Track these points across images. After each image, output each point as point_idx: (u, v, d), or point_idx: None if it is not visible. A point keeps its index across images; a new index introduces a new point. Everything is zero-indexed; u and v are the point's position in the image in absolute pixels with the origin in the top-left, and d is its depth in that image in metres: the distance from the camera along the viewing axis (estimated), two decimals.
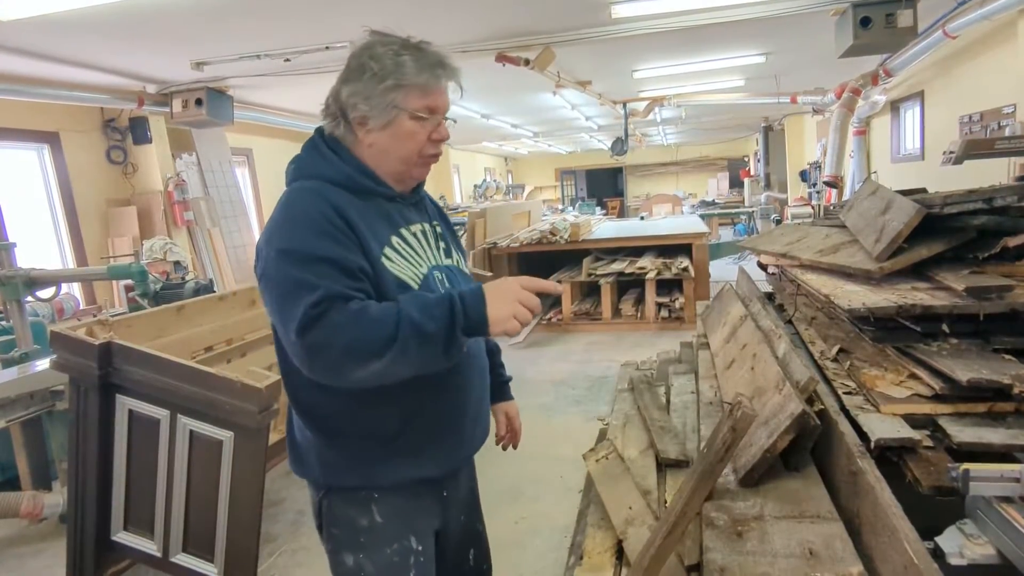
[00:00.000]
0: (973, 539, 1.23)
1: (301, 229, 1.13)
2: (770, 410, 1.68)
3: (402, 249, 1.24)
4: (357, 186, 1.22)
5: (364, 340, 1.05)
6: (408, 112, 1.19)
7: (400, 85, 1.17)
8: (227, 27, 4.14)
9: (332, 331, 1.05)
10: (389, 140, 1.21)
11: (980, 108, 5.64)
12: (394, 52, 1.18)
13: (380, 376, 1.08)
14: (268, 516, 2.99)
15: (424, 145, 1.23)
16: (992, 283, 1.84)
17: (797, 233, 3.46)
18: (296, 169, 1.26)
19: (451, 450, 1.36)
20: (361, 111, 1.19)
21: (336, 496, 1.28)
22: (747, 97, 8.79)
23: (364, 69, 1.17)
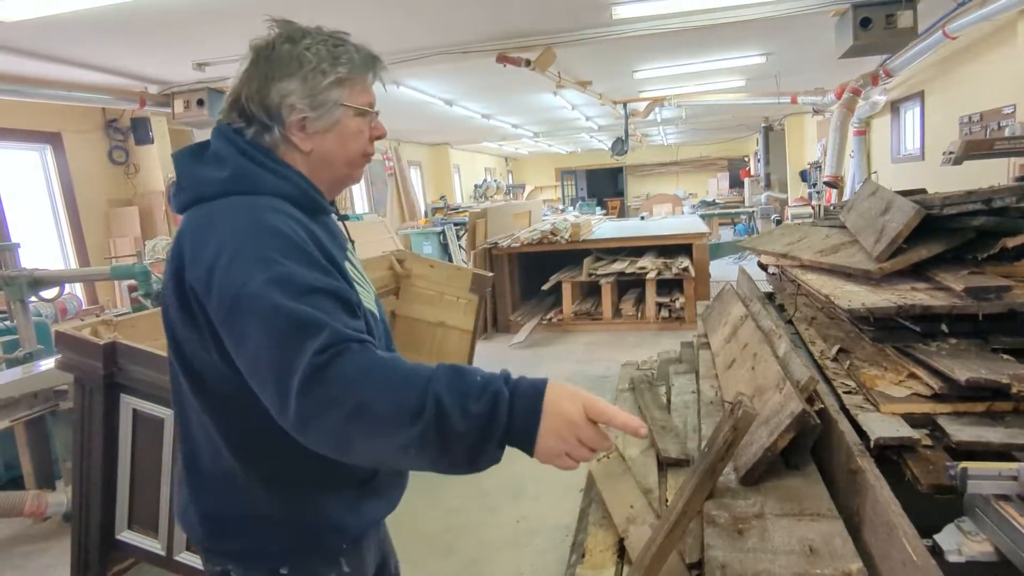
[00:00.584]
0: (971, 536, 1.25)
1: (283, 252, 0.89)
2: (771, 409, 1.69)
3: (355, 274, 1.10)
4: (311, 203, 1.04)
5: (381, 402, 0.80)
6: (354, 108, 1.05)
7: (345, 80, 1.02)
8: (229, 27, 4.15)
9: (342, 386, 0.80)
10: (335, 142, 1.04)
11: (980, 108, 5.65)
12: (332, 43, 1.03)
13: (382, 457, 0.85)
14: None
15: (366, 145, 1.09)
16: (991, 283, 1.85)
17: (797, 233, 3.47)
18: (229, 181, 0.98)
19: (403, 479, 1.26)
20: (301, 112, 1.00)
21: (302, 560, 1.07)
22: (747, 97, 8.81)
23: (301, 62, 1.00)
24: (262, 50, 1.03)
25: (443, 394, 0.80)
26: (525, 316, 6.74)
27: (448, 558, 2.65)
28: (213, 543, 1.08)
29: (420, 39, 4.75)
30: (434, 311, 4.65)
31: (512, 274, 6.89)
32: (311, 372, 0.80)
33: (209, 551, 1.10)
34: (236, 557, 1.08)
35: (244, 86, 1.02)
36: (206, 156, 1.02)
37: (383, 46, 4.83)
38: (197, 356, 0.98)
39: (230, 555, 1.08)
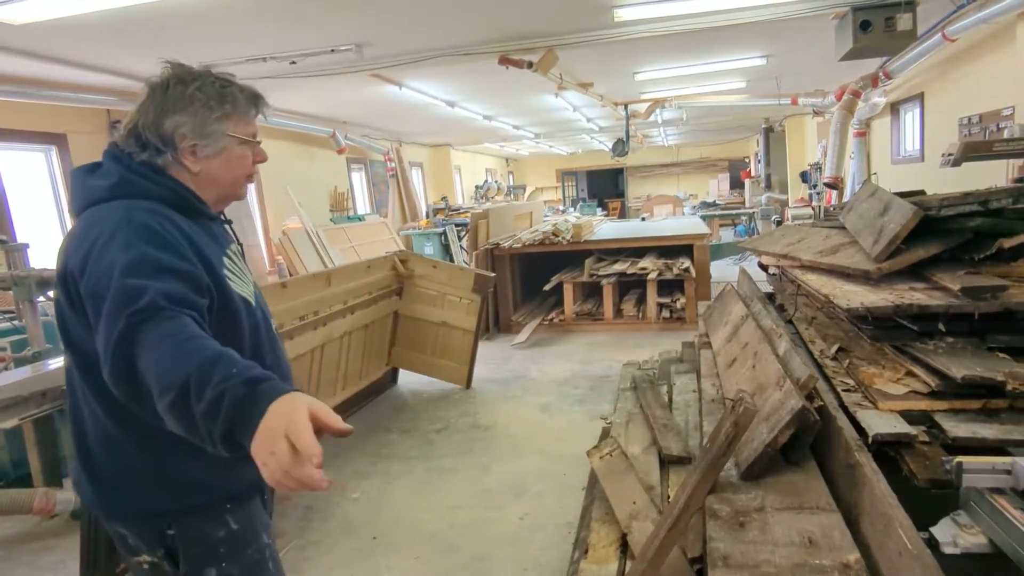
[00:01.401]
0: (966, 529, 1.28)
1: (145, 243, 1.08)
2: (771, 406, 1.73)
3: (232, 267, 1.28)
4: (187, 205, 1.23)
5: (155, 369, 0.95)
6: (238, 138, 1.26)
7: (230, 114, 1.23)
8: (234, 30, 4.19)
9: (140, 346, 0.96)
10: (221, 166, 1.25)
11: (979, 110, 5.68)
12: (219, 85, 1.24)
13: (162, 417, 0.95)
14: (276, 512, 3.02)
15: (249, 168, 1.31)
16: (987, 283, 1.88)
17: (797, 234, 3.51)
18: (115, 187, 1.18)
19: None
20: (192, 140, 1.21)
21: (187, 520, 1.23)
22: (748, 99, 8.84)
23: (193, 99, 1.20)
24: (157, 88, 1.22)
25: (193, 376, 0.92)
26: (527, 316, 6.78)
27: (451, 555, 2.68)
28: (103, 507, 1.24)
29: (423, 41, 4.79)
30: (436, 311, 4.69)
31: (514, 275, 6.92)
32: (122, 332, 0.98)
33: (103, 515, 1.25)
34: (125, 519, 1.23)
35: (141, 117, 1.21)
36: (97, 172, 1.22)
37: (384, 48, 4.88)
38: (76, 333, 1.15)
39: (120, 518, 1.24)
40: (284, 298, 3.45)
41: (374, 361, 4.61)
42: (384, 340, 4.72)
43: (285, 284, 3.54)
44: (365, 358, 4.47)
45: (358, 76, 5.50)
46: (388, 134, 10.65)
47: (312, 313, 3.72)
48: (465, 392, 4.74)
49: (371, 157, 10.61)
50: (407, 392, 4.86)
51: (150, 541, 1.22)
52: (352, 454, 3.74)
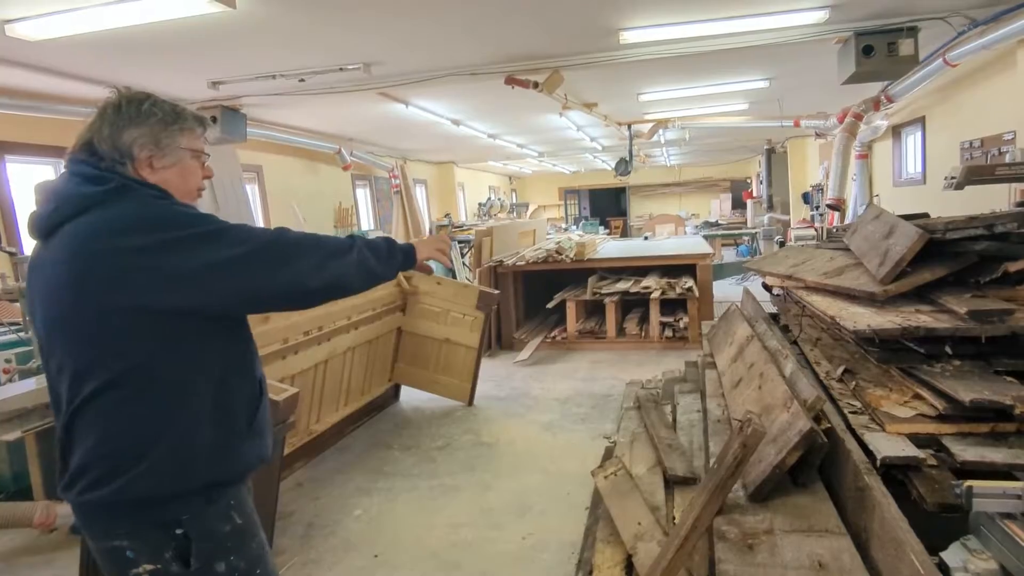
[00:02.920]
0: (977, 554, 1.27)
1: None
2: (778, 428, 1.72)
3: None
4: None
5: (331, 243, 1.37)
6: (191, 152, 1.37)
7: (184, 128, 1.35)
8: (245, 49, 4.25)
9: (305, 239, 1.33)
10: (177, 176, 1.34)
11: (981, 134, 5.72)
12: (170, 105, 1.35)
13: (353, 267, 1.36)
14: (278, 528, 3.01)
15: (200, 181, 1.42)
16: (994, 307, 1.89)
17: (802, 255, 3.52)
18: (118, 190, 1.26)
19: (271, 432, 1.49)
20: (149, 151, 1.30)
21: (195, 519, 1.27)
22: (750, 120, 8.91)
23: (149, 116, 1.31)
24: (109, 107, 1.31)
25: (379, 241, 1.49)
26: (529, 334, 6.77)
27: (453, 574, 2.66)
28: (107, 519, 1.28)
29: (430, 61, 4.85)
30: (440, 327, 4.69)
31: (517, 292, 6.93)
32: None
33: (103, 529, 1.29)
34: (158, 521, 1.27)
35: (95, 133, 1.29)
36: (86, 180, 1.26)
37: (392, 67, 4.94)
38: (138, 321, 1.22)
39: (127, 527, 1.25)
40: (288, 313, 3.46)
41: (377, 377, 4.60)
42: (387, 356, 4.72)
43: None
44: (368, 374, 4.46)
45: (365, 94, 5.56)
46: (393, 151, 10.74)
47: (316, 328, 3.73)
48: (467, 409, 4.73)
49: (376, 173, 10.69)
50: (409, 408, 4.84)
51: (156, 543, 1.23)
52: (354, 470, 3.72)
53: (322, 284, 1.31)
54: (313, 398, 3.84)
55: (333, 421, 4.02)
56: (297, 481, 3.62)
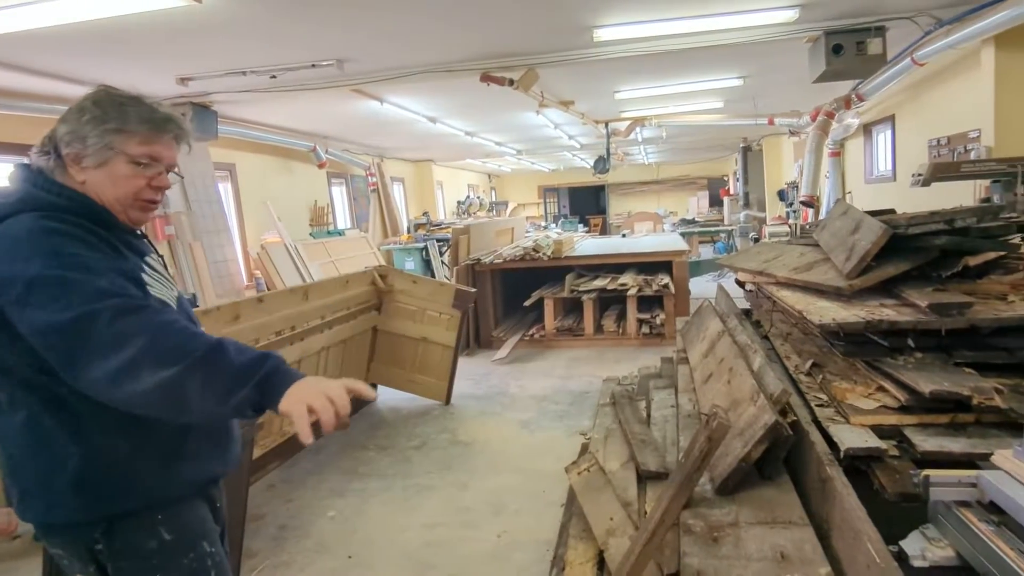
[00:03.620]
0: (934, 542, 1.29)
1: (71, 246, 1.12)
2: (745, 421, 1.74)
3: (153, 275, 1.29)
4: (97, 217, 1.24)
5: (167, 342, 1.06)
6: (127, 156, 1.24)
7: (121, 129, 1.23)
8: (214, 44, 4.17)
9: (142, 324, 1.06)
10: (104, 180, 1.24)
11: (947, 132, 5.85)
12: (120, 102, 1.25)
13: (158, 393, 1.04)
14: (249, 531, 2.97)
15: (143, 189, 1.28)
16: (953, 300, 1.93)
17: (773, 251, 3.56)
18: (21, 201, 1.20)
19: (227, 448, 1.40)
20: (75, 148, 1.22)
21: (114, 532, 1.21)
22: (726, 118, 9.00)
23: (83, 111, 1.23)
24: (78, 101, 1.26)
25: (225, 342, 1.12)
26: (507, 332, 6.77)
27: (428, 573, 2.64)
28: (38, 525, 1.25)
29: (404, 57, 4.81)
30: (416, 326, 4.66)
31: (494, 290, 6.92)
32: (118, 311, 1.08)
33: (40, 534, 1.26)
34: (52, 533, 1.24)
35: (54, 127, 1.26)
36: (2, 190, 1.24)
37: (365, 64, 4.90)
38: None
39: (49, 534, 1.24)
40: (260, 312, 3.41)
41: (352, 377, 4.55)
42: (363, 356, 4.68)
43: (261, 298, 3.50)
44: (343, 374, 4.41)
45: (339, 91, 5.50)
46: (369, 149, 10.65)
47: (289, 328, 3.68)
48: (444, 408, 4.71)
49: (352, 172, 10.59)
50: (385, 408, 4.81)
51: (82, 557, 1.21)
52: (328, 471, 3.68)
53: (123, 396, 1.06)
54: None
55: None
56: (270, 483, 3.57)
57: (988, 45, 4.86)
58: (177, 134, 1.30)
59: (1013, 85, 4.76)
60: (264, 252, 7.12)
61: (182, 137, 1.32)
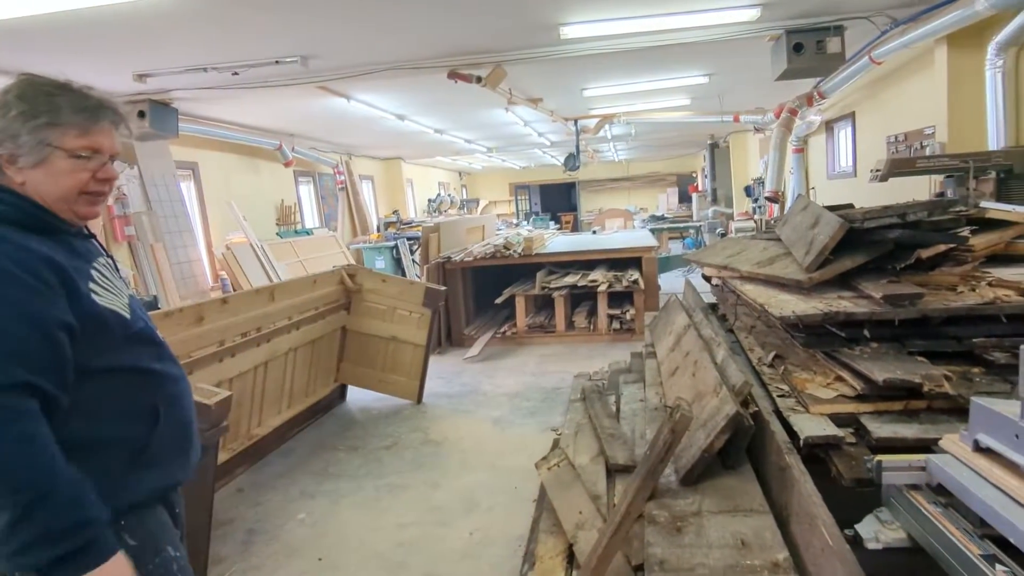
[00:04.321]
0: (887, 525, 1.34)
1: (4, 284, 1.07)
2: (708, 412, 1.77)
3: (102, 281, 1.24)
4: (39, 224, 1.18)
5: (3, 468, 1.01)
6: (65, 151, 1.18)
7: (54, 124, 1.17)
8: (172, 39, 4.07)
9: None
10: (44, 179, 1.18)
11: (905, 129, 6.03)
12: (47, 92, 1.18)
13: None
14: (216, 536, 2.92)
15: (87, 183, 1.22)
16: (905, 291, 1.99)
17: (737, 246, 3.63)
18: None
19: (189, 454, 1.38)
20: (7, 149, 1.16)
21: None
22: (693, 116, 9.13)
23: (8, 107, 1.16)
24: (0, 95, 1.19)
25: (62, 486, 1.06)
26: (479, 330, 6.76)
27: (400, 573, 2.63)
28: None
29: (370, 54, 4.77)
30: (386, 326, 4.63)
31: (466, 288, 6.91)
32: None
33: None
34: None
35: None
36: None
37: (330, 60, 4.84)
38: None
39: None
40: (225, 314, 3.35)
41: (321, 378, 4.51)
42: (332, 356, 4.63)
43: (226, 300, 3.44)
44: (312, 375, 4.37)
45: (304, 88, 5.43)
46: (337, 147, 10.52)
47: (255, 329, 3.62)
48: (416, 407, 4.69)
49: (320, 170, 10.45)
50: (356, 409, 4.76)
51: None
52: (298, 473, 3.64)
53: None
54: (253, 401, 3.73)
55: (276, 424, 3.91)
56: (238, 487, 3.51)
57: (941, 44, 5.02)
58: (114, 119, 1.24)
59: (964, 83, 4.93)
60: (229, 252, 6.99)
61: (119, 122, 1.26)
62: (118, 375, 1.23)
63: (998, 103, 4.50)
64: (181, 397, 1.36)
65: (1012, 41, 4.29)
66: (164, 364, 1.34)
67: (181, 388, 1.37)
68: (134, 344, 1.27)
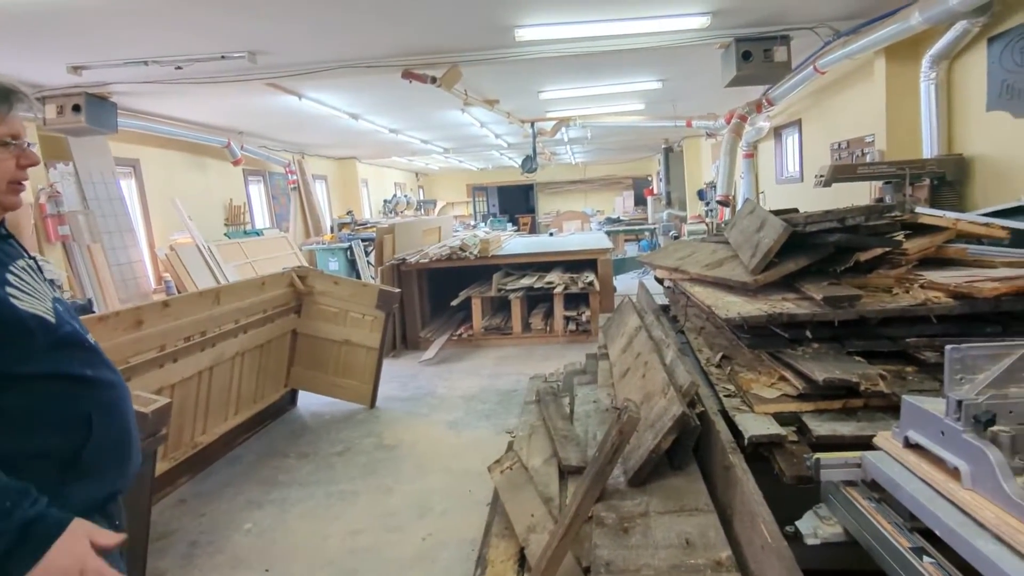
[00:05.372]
0: (825, 520, 1.37)
1: None
2: (656, 413, 1.79)
3: (22, 285, 1.19)
4: None
5: None
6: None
7: None
8: (110, 30, 3.89)
9: None
10: None
11: (847, 136, 6.27)
12: None
13: None
14: (156, 550, 2.80)
15: (13, 172, 1.20)
16: (844, 293, 2.06)
17: (688, 248, 3.70)
18: None
19: (128, 461, 1.32)
20: None
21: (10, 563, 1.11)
22: (647, 120, 9.29)
23: None
24: None
25: None
26: (435, 332, 6.71)
27: None
28: None
29: (322, 52, 4.67)
30: (338, 329, 4.53)
31: (421, 290, 6.84)
32: None
33: None
34: None
35: None
36: None
37: (282, 57, 4.72)
38: None
39: None
40: (166, 318, 3.22)
41: (271, 383, 4.38)
42: (282, 360, 4.51)
43: (167, 303, 3.30)
44: (261, 380, 4.24)
45: (253, 85, 5.27)
46: (289, 145, 10.28)
47: (199, 333, 3.49)
48: (369, 412, 4.61)
49: (271, 169, 10.19)
50: (307, 414, 4.65)
51: None
52: (245, 482, 3.52)
53: None
54: (198, 408, 3.59)
55: (222, 431, 3.78)
56: (180, 497, 3.38)
57: (880, 56, 5.24)
58: (26, 104, 1.20)
59: (901, 94, 5.16)
60: (173, 253, 6.73)
61: (31, 106, 1.22)
62: (44, 382, 1.16)
63: (932, 113, 4.73)
64: (117, 404, 1.29)
65: (944, 54, 4.51)
66: (97, 370, 1.27)
67: (117, 394, 1.30)
68: (61, 349, 1.20)
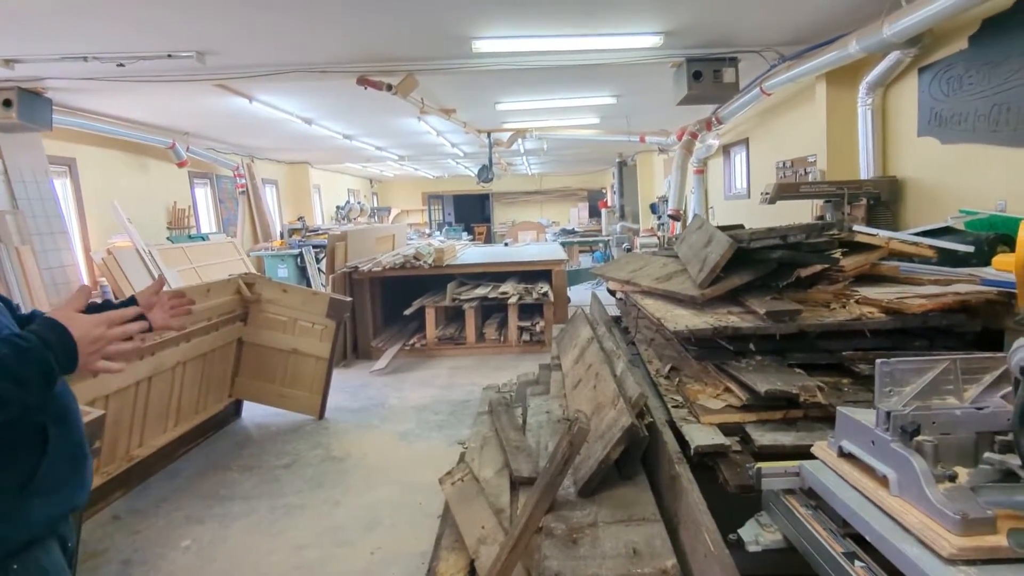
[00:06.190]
0: (766, 528, 1.41)
1: None
2: (606, 424, 1.81)
3: None
4: None
5: None
6: None
7: None
8: (47, 22, 3.71)
9: None
10: None
11: (792, 156, 6.55)
12: None
13: None
14: (86, 570, 2.65)
15: None
16: (785, 308, 2.14)
17: (640, 262, 3.77)
18: None
19: (83, 471, 1.29)
20: None
21: None
22: (601, 134, 9.46)
23: None
24: None
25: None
26: (387, 342, 6.62)
27: None
28: None
29: (274, 55, 4.57)
30: (287, 338, 4.42)
31: (374, 299, 6.74)
32: None
33: None
34: None
35: None
36: None
37: (231, 58, 4.60)
38: None
39: None
40: None
41: (214, 393, 4.23)
42: (226, 370, 4.36)
43: None
44: (203, 390, 4.09)
45: (200, 85, 5.12)
46: (238, 148, 10.01)
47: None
48: (318, 423, 4.50)
49: (218, 172, 9.89)
50: (252, 425, 4.51)
51: None
52: (184, 497, 3.38)
53: None
54: (134, 419, 3.44)
55: (160, 444, 3.62)
56: (113, 514, 3.21)
57: (821, 81, 5.50)
58: None
59: (840, 117, 5.43)
60: (111, 257, 6.43)
61: None
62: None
63: (868, 136, 4.99)
64: (68, 412, 1.24)
65: (879, 82, 4.77)
66: None
67: (67, 402, 1.25)
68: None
